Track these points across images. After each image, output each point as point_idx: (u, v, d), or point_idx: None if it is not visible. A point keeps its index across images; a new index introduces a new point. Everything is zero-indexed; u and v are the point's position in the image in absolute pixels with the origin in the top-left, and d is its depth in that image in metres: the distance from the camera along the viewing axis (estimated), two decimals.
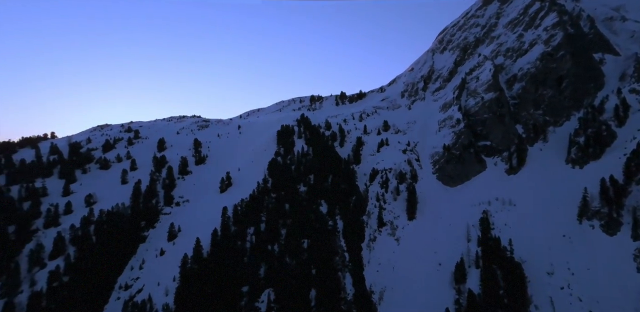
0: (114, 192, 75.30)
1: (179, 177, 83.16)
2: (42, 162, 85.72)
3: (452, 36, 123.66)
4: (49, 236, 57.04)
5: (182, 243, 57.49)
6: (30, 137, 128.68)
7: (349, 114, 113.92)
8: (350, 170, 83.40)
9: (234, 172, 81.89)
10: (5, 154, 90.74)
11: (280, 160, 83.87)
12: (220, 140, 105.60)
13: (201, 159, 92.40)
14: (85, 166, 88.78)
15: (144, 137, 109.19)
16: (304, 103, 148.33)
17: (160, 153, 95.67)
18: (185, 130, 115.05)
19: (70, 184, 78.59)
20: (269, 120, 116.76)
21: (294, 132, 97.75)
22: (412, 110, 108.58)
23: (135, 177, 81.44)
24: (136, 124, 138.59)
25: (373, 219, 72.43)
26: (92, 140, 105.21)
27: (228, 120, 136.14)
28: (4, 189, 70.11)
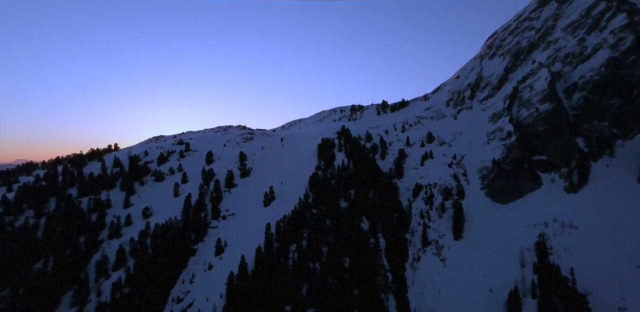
0: (167, 204, 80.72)
1: (226, 190, 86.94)
2: (106, 174, 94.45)
3: (502, 41, 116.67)
4: (112, 247, 62.55)
5: (228, 258, 59.90)
6: (97, 150, 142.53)
7: (391, 125, 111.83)
8: (392, 184, 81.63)
9: (277, 186, 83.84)
10: (77, 168, 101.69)
11: (320, 174, 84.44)
12: (263, 153, 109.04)
13: (246, 172, 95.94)
14: (143, 178, 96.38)
15: (194, 150, 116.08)
16: (344, 113, 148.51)
17: (208, 166, 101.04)
18: (231, 143, 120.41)
19: (130, 196, 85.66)
20: (310, 132, 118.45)
21: (334, 145, 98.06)
22: (458, 121, 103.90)
23: (186, 190, 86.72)
24: (187, 136, 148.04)
25: (417, 237, 70.11)
26: (149, 153, 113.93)
27: (271, 131, 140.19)
28: (76, 201, 78.22)
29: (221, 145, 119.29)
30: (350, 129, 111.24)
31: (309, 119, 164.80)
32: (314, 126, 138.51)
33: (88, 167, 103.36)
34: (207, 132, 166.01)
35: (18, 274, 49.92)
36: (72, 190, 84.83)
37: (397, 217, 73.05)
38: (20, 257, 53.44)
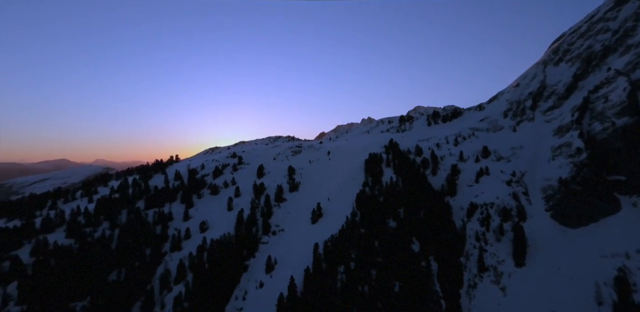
0: (222, 218, 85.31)
1: (275, 205, 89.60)
2: (169, 188, 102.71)
3: (570, 45, 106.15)
4: (174, 259, 67.60)
5: (278, 276, 61.47)
6: (161, 162, 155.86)
7: (443, 137, 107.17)
8: (444, 203, 77.95)
9: (324, 202, 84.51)
10: (144, 180, 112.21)
11: (368, 191, 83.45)
12: (311, 167, 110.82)
13: (294, 186, 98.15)
14: (200, 190, 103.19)
15: (246, 163, 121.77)
16: (392, 124, 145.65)
17: (259, 179, 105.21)
18: (280, 156, 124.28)
19: (189, 208, 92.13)
20: (356, 146, 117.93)
21: (382, 160, 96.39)
22: (518, 133, 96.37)
23: (239, 204, 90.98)
24: (240, 148, 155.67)
25: (472, 261, 65.97)
26: (205, 167, 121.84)
27: (318, 143, 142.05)
28: (143, 213, 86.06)
29: (271, 158, 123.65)
30: (398, 142, 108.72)
31: (356, 130, 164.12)
32: (361, 138, 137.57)
33: (153, 180, 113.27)
34: (259, 144, 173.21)
35: (96, 284, 56.07)
36: (140, 202, 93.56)
37: (450, 239, 69.49)
38: (97, 267, 59.93)
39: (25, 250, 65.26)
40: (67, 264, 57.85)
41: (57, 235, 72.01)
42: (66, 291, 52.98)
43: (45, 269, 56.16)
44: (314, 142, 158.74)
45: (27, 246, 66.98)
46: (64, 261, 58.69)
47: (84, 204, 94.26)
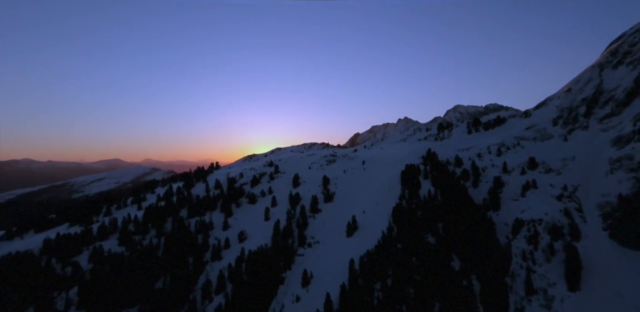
0: (259, 228, 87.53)
1: (311, 216, 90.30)
2: (209, 196, 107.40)
3: (632, 46, 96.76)
4: (215, 269, 70.41)
5: (314, 290, 61.79)
6: (202, 169, 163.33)
7: (484, 147, 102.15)
8: (486, 218, 74.08)
9: (359, 215, 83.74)
10: (187, 189, 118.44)
11: (405, 204, 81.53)
12: (346, 177, 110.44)
13: (329, 197, 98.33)
14: (239, 199, 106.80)
15: (282, 172, 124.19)
16: (430, 131, 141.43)
17: (295, 189, 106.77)
18: (315, 165, 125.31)
19: (228, 217, 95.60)
20: (392, 155, 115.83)
21: (419, 172, 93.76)
22: (570, 143, 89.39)
23: (275, 214, 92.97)
24: (276, 156, 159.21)
25: (519, 283, 61.87)
26: (244, 175, 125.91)
27: (352, 152, 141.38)
28: (186, 222, 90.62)
29: (306, 167, 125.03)
30: (437, 151, 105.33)
31: (392, 138, 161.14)
32: (397, 147, 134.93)
33: (195, 189, 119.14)
34: (294, 151, 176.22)
35: (144, 291, 59.85)
36: (183, 211, 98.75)
37: (494, 258, 65.87)
38: (145, 275, 63.92)
39: (84, 256, 71.42)
40: (119, 271, 62.37)
41: (111, 242, 77.97)
42: (118, 298, 57.10)
43: (101, 275, 60.98)
44: (349, 150, 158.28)
45: (85, 253, 73.22)
46: (116, 268, 63.33)
47: (133, 212, 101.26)
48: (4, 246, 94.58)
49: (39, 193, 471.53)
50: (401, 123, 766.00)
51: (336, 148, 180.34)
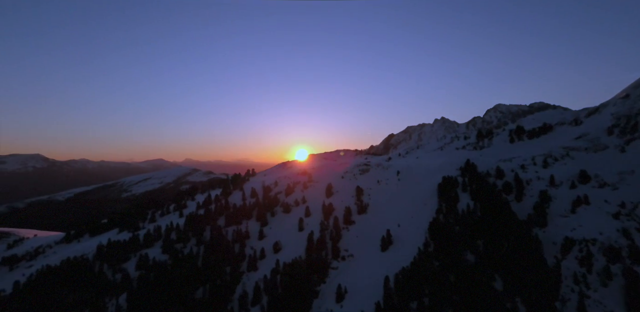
0: (293, 238, 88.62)
1: (344, 227, 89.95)
2: (245, 205, 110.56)
3: None
4: (251, 279, 72.19)
5: (348, 307, 61.36)
6: (239, 176, 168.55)
7: (529, 158, 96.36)
8: (532, 236, 69.60)
9: (394, 229, 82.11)
10: (225, 196, 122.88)
11: (442, 218, 78.76)
12: (379, 188, 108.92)
13: (363, 208, 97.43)
14: (274, 208, 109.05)
15: (315, 181, 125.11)
16: (469, 140, 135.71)
17: (328, 199, 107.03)
18: (348, 175, 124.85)
19: (263, 227, 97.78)
20: (428, 165, 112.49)
21: (457, 184, 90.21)
22: (628, 155, 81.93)
23: (309, 225, 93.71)
24: (309, 166, 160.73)
25: (571, 308, 57.30)
26: (278, 184, 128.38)
27: (386, 161, 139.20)
28: (224, 230, 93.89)
29: (339, 177, 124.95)
30: (476, 162, 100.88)
31: (428, 146, 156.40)
32: (433, 156, 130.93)
33: (233, 197, 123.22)
34: (328, 159, 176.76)
35: (185, 301, 62.69)
36: (221, 219, 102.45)
37: (541, 279, 61.55)
38: (186, 284, 66.94)
39: (132, 263, 76.34)
40: (163, 279, 65.86)
41: (155, 250, 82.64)
42: (162, 307, 60.27)
43: (146, 283, 64.79)
44: (383, 158, 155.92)
45: (133, 260, 78.24)
46: (160, 277, 66.93)
47: (175, 219, 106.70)
48: (64, 249, 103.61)
49: (93, 192, 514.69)
50: (438, 123, 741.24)
51: (370, 156, 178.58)
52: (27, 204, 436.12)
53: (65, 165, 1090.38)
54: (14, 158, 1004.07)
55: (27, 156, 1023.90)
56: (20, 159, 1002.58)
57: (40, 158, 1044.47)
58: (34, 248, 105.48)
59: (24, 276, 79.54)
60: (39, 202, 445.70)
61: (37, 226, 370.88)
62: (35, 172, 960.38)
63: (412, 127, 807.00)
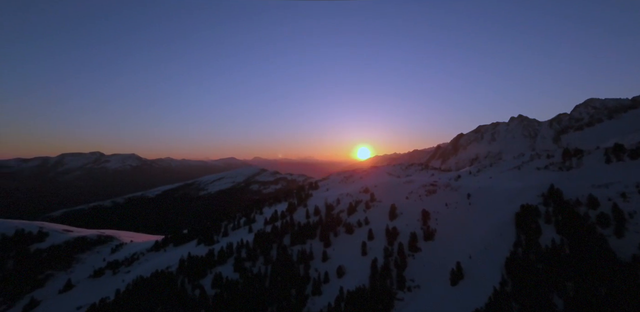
0: (356, 263, 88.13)
1: (410, 254, 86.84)
2: (309, 223, 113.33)
3: None
4: (316, 305, 73.46)
5: None
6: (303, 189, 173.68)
7: (631, 183, 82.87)
8: (637, 280, 59.32)
9: (465, 260, 76.80)
10: (290, 213, 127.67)
11: (520, 253, 71.47)
12: (448, 211, 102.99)
13: (429, 234, 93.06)
14: (336, 228, 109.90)
15: (378, 200, 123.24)
16: (552, 159, 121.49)
17: (392, 222, 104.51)
18: (413, 195, 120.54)
19: (327, 247, 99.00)
20: (504, 189, 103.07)
21: (539, 214, 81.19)
22: None
23: (372, 249, 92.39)
24: (372, 180, 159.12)
25: None
26: (341, 202, 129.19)
27: (455, 181, 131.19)
28: (289, 249, 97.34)
29: (404, 197, 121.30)
30: (562, 187, 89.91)
31: (503, 163, 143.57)
32: (510, 177, 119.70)
33: (297, 214, 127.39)
34: (392, 175, 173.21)
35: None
36: (286, 237, 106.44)
37: None
38: (255, 305, 70.74)
39: (207, 280, 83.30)
40: (236, 299, 70.63)
41: (227, 268, 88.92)
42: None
43: (221, 302, 70.19)
44: (451, 176, 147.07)
45: (209, 276, 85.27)
46: (234, 296, 71.91)
47: (245, 235, 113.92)
48: (154, 257, 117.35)
49: (176, 190, 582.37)
50: (515, 122, 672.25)
51: (437, 171, 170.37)
52: (125, 199, 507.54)
53: (153, 163, 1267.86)
54: (116, 157, 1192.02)
55: (125, 156, 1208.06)
56: (120, 158, 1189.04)
57: (135, 157, 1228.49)
58: (131, 254, 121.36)
59: (123, 282, 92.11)
60: (135, 198, 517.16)
61: (133, 219, 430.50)
62: (131, 170, 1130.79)
63: (484, 127, 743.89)
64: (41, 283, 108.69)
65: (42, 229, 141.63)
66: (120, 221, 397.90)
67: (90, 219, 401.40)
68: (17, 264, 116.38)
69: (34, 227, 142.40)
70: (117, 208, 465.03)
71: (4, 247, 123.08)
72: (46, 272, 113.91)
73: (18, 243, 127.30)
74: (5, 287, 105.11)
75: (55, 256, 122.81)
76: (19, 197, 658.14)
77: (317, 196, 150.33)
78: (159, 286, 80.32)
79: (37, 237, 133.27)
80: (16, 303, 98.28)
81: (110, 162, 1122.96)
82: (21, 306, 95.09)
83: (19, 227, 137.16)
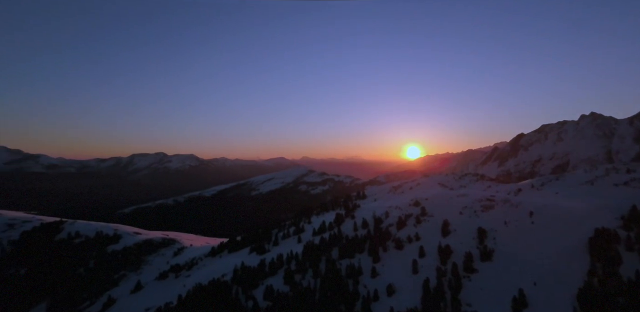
0: (407, 281, 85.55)
1: (465, 276, 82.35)
2: (357, 236, 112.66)
3: None
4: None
5: None
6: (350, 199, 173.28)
7: None
8: None
9: (528, 287, 70.84)
10: (337, 225, 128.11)
11: (596, 284, 64.16)
12: (507, 230, 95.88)
13: (487, 254, 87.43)
14: (385, 242, 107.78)
15: (429, 215, 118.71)
16: (634, 174, 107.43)
17: (444, 239, 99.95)
18: (468, 210, 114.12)
19: (375, 263, 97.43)
20: (573, 208, 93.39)
21: (618, 240, 72.25)
22: None
23: (424, 267, 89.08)
24: (421, 192, 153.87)
25: None
26: (389, 215, 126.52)
27: (515, 196, 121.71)
28: (337, 263, 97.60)
29: (457, 212, 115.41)
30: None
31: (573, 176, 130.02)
32: (580, 193, 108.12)
33: (345, 226, 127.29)
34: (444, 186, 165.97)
35: None
36: (334, 250, 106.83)
37: None
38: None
39: (259, 291, 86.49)
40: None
41: (278, 280, 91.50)
42: None
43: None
44: (511, 188, 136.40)
45: (260, 288, 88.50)
46: (284, 309, 74.04)
47: (294, 246, 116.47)
48: (210, 262, 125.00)
49: (230, 190, 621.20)
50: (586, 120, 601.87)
51: (494, 183, 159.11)
52: (185, 198, 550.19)
53: (210, 163, 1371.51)
54: (177, 158, 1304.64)
55: (185, 156, 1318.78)
56: (180, 159, 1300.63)
57: (194, 157, 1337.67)
58: (190, 259, 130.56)
59: (184, 287, 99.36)
60: (193, 197, 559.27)
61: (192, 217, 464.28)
62: (190, 169, 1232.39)
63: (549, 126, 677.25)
64: (116, 282, 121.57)
65: (116, 231, 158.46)
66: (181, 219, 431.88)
67: (155, 216, 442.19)
68: (97, 264, 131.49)
69: (110, 229, 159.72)
70: (178, 206, 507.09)
71: (86, 247, 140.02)
72: (120, 272, 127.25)
73: (97, 244, 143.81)
74: (89, 284, 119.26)
75: (128, 257, 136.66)
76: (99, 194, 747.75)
77: (365, 207, 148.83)
78: (216, 294, 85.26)
79: (112, 239, 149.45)
80: (97, 300, 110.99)
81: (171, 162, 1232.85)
82: (101, 303, 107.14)
83: (98, 229, 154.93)
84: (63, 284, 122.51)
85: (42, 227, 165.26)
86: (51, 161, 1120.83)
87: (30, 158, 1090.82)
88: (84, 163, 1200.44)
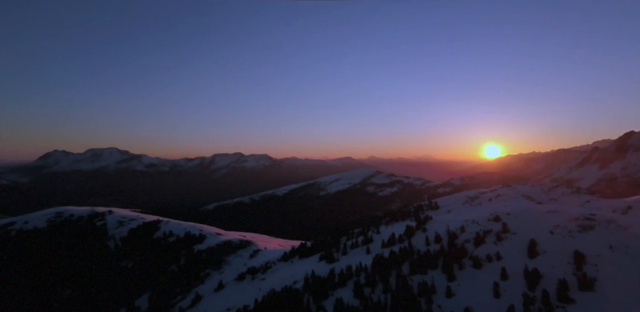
0: (486, 305, 79.04)
1: (559, 307, 73.18)
2: (429, 251, 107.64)
3: None
4: None
5: None
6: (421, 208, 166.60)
7: None
8: None
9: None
10: (407, 237, 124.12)
11: None
12: (613, 256, 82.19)
13: (587, 284, 76.29)
14: (461, 260, 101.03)
15: (512, 232, 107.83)
16: None
17: (531, 261, 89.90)
18: (561, 230, 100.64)
19: (450, 282, 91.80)
20: None
21: None
22: None
23: (507, 291, 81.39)
24: (502, 205, 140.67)
25: None
26: (465, 230, 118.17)
27: (623, 214, 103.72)
28: (409, 279, 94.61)
29: (547, 230, 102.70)
30: None
31: None
32: None
33: (416, 239, 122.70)
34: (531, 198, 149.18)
35: None
36: (405, 265, 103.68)
37: None
38: None
39: (330, 302, 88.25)
40: None
41: (347, 292, 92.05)
42: None
43: None
44: (616, 205, 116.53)
45: (330, 299, 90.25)
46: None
47: (363, 257, 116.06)
48: (282, 267, 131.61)
49: (300, 189, 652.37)
50: None
51: (594, 198, 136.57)
52: (260, 196, 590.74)
53: (281, 163, 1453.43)
54: (252, 157, 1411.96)
55: (260, 156, 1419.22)
56: (255, 158, 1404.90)
57: (267, 157, 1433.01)
58: (265, 262, 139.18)
59: (260, 291, 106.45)
60: (267, 196, 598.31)
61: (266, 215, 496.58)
62: (264, 169, 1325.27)
63: None
64: (202, 280, 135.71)
65: (201, 231, 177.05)
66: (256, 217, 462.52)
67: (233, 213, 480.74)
68: (186, 262, 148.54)
69: (196, 229, 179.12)
70: (253, 204, 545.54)
71: (178, 246, 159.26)
72: (205, 270, 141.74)
73: (186, 243, 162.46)
74: (180, 280, 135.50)
75: (211, 257, 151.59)
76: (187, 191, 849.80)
77: (438, 220, 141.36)
78: (288, 301, 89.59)
79: (198, 239, 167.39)
80: (187, 296, 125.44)
81: (248, 162, 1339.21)
82: (190, 299, 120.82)
83: (186, 229, 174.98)
84: (161, 279, 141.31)
85: (144, 226, 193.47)
86: (151, 160, 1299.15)
87: (135, 158, 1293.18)
88: (175, 162, 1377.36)
